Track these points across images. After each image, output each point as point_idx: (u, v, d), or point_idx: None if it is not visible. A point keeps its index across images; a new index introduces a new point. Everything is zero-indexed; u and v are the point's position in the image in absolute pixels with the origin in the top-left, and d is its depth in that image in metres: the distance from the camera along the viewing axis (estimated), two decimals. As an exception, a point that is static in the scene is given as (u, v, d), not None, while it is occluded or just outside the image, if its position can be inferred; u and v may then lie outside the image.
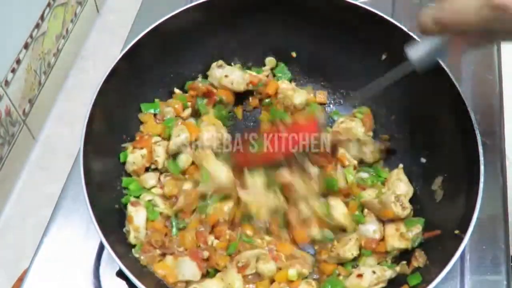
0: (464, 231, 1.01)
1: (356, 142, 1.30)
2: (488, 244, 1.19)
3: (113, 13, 1.89)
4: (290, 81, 1.44)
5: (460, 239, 1.01)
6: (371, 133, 1.36)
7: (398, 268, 1.13)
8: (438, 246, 1.11)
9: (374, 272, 1.10)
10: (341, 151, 1.30)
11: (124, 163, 1.23)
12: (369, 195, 1.24)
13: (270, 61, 1.46)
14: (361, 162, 1.32)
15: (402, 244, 1.15)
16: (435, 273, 0.99)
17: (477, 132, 1.10)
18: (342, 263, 1.17)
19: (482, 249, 1.19)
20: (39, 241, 1.20)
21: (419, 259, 1.12)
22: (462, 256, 1.17)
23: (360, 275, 1.10)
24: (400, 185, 1.23)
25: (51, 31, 1.58)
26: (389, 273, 1.11)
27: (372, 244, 1.17)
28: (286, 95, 1.38)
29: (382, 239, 1.18)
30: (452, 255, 0.99)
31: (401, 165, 1.29)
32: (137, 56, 1.23)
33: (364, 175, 1.30)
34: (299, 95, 1.38)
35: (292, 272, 1.13)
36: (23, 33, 1.44)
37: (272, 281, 1.14)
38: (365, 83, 1.38)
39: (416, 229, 1.15)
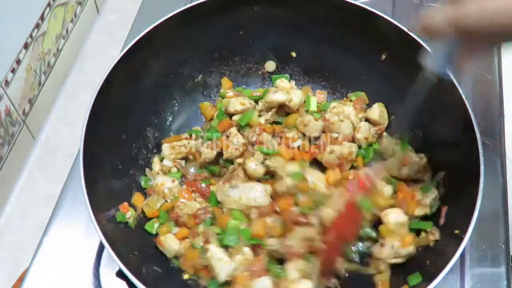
0: (464, 231, 1.01)
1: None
2: (488, 244, 1.19)
3: (113, 13, 1.90)
4: (289, 80, 1.44)
5: (460, 239, 1.00)
6: (362, 115, 1.36)
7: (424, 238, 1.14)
8: (438, 246, 1.11)
9: (393, 247, 1.13)
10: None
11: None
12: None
13: (269, 64, 1.46)
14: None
15: (421, 212, 1.17)
16: (435, 273, 0.99)
17: (477, 132, 1.10)
18: None
19: (482, 249, 1.19)
20: (39, 241, 1.20)
21: (435, 233, 1.13)
22: (462, 256, 1.17)
23: (382, 245, 1.14)
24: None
25: (51, 31, 1.58)
26: (408, 251, 1.13)
27: None
28: (284, 88, 1.36)
29: None
30: (452, 255, 0.99)
31: (384, 133, 1.33)
32: (137, 56, 1.23)
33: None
34: (295, 96, 1.37)
35: None
36: (23, 33, 1.44)
37: None
38: (365, 83, 1.39)
39: (432, 194, 1.17)
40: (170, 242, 1.16)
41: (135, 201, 1.21)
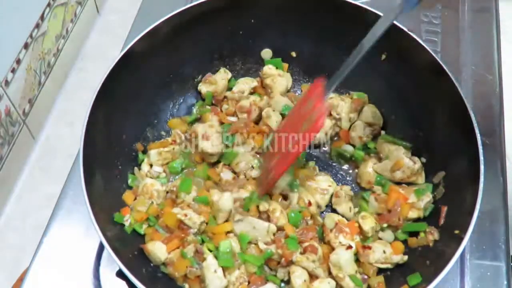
0: (464, 231, 1.01)
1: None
2: (488, 244, 1.20)
3: (113, 14, 1.90)
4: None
5: (460, 239, 1.01)
6: (353, 115, 1.36)
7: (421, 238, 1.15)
8: (438, 246, 1.11)
9: (384, 252, 1.13)
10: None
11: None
12: (374, 163, 1.27)
13: (266, 52, 1.45)
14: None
15: (414, 214, 1.17)
16: (435, 273, 0.99)
17: (477, 132, 1.10)
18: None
19: (482, 249, 1.19)
20: (39, 241, 1.20)
21: (434, 233, 1.13)
22: (462, 256, 1.17)
23: (369, 247, 1.13)
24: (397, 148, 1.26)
25: (51, 31, 1.58)
26: (397, 258, 1.13)
27: (385, 217, 1.18)
28: (270, 75, 1.39)
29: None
30: (452, 255, 0.99)
31: (382, 132, 1.34)
32: (136, 56, 1.23)
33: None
34: (283, 80, 1.38)
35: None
36: (23, 33, 1.44)
37: None
38: (365, 83, 1.39)
39: (427, 198, 1.17)
40: (156, 252, 1.11)
41: (125, 197, 1.20)
